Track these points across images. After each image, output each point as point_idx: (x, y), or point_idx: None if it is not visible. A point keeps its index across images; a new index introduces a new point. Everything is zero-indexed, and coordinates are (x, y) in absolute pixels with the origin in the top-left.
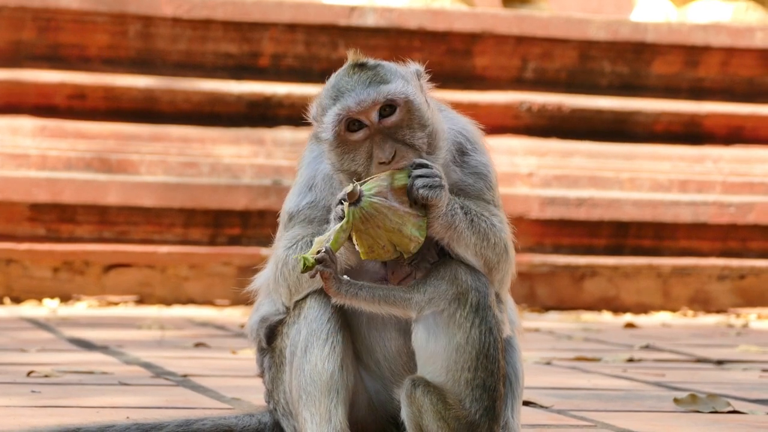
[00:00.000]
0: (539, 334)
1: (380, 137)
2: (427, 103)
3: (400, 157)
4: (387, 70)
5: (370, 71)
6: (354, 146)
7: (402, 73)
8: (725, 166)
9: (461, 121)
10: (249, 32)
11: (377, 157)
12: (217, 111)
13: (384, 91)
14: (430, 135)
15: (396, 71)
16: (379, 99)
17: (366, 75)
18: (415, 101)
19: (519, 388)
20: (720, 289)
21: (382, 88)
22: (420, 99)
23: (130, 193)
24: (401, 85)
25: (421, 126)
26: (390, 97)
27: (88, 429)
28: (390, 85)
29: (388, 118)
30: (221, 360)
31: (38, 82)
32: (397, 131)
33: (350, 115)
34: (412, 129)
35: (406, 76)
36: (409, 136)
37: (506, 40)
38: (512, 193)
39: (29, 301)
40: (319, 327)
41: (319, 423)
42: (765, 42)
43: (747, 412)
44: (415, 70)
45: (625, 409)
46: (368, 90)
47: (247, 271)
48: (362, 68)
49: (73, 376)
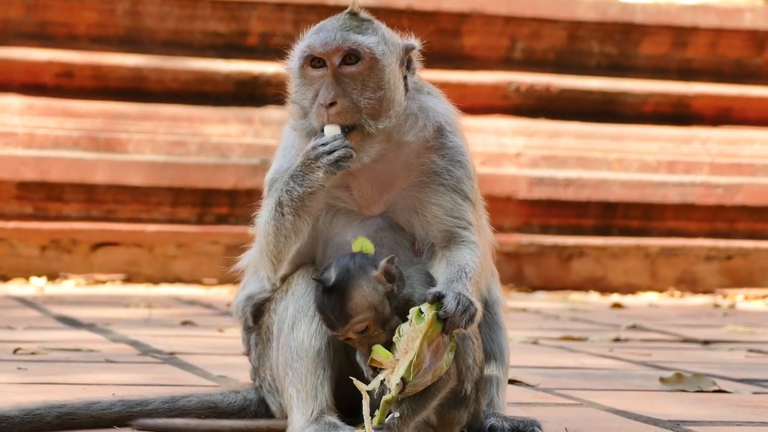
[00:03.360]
0: (526, 313)
1: (332, 81)
2: (397, 74)
3: (337, 110)
4: (371, 26)
5: (355, 21)
6: (311, 81)
7: (386, 36)
8: (713, 147)
9: (442, 107)
10: (237, 11)
11: (319, 97)
12: (205, 90)
13: (352, 40)
14: (380, 100)
15: (379, 31)
16: (344, 46)
17: (349, 22)
18: (380, 61)
19: (505, 367)
20: (707, 269)
21: (352, 36)
22: (387, 63)
23: (118, 172)
24: (373, 41)
25: (375, 87)
26: (353, 47)
27: (73, 405)
28: (362, 37)
29: (348, 66)
30: (208, 338)
31: (26, 60)
32: (352, 83)
33: (313, 52)
34: (365, 87)
35: (388, 41)
36: (358, 92)
37: (495, 20)
38: (500, 173)
39: (16, 280)
40: (307, 304)
41: (305, 400)
42: (753, 23)
43: (732, 391)
44: (404, 45)
45: (611, 388)
46: (340, 34)
47: (234, 250)
48: (352, 17)
49: (60, 353)
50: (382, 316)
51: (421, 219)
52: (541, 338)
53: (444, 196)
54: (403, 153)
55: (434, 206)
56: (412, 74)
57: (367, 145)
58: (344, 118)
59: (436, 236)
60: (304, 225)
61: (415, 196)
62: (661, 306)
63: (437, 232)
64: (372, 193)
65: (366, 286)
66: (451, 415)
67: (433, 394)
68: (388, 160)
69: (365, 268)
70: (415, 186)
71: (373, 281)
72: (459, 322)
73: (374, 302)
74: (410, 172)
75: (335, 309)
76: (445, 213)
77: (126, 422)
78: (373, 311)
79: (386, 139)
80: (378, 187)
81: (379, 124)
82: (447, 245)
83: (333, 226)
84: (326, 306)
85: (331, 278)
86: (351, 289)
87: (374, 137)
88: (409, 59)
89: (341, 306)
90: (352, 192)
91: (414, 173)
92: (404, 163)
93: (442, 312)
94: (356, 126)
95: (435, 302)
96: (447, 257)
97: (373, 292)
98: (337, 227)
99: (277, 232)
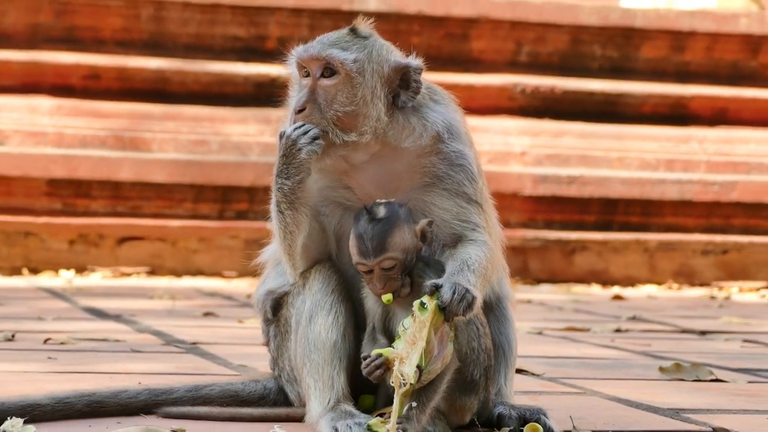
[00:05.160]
0: (531, 305)
1: (309, 89)
2: (378, 91)
3: (305, 114)
4: (361, 43)
5: (349, 37)
6: (301, 89)
7: (373, 55)
8: (709, 146)
9: (443, 116)
10: (256, 16)
11: (295, 102)
12: (225, 91)
13: (328, 53)
14: (347, 114)
15: (367, 49)
16: (319, 56)
17: (342, 37)
18: (354, 78)
19: (512, 357)
20: (704, 263)
21: (331, 51)
22: (363, 81)
23: (142, 170)
24: (351, 58)
25: (346, 102)
26: (328, 59)
27: (102, 394)
28: (342, 53)
29: (326, 78)
30: (229, 329)
31: (55, 63)
32: (325, 94)
33: (298, 60)
34: (335, 100)
35: (374, 60)
36: (328, 103)
37: (501, 25)
38: (506, 171)
39: (46, 272)
40: (323, 298)
41: (322, 389)
42: (748, 27)
43: (729, 380)
44: (396, 64)
45: (612, 377)
46: (323, 47)
47: (253, 244)
48: (351, 32)
49: (88, 343)
50: (407, 263)
51: None
52: (546, 329)
53: (448, 200)
54: (403, 156)
55: (440, 210)
56: (413, 92)
57: (329, 148)
58: (309, 123)
59: (446, 238)
60: (302, 217)
61: (421, 198)
62: (660, 298)
63: (446, 235)
64: (376, 193)
65: (407, 231)
66: (461, 402)
67: (440, 379)
68: (386, 163)
69: (410, 218)
70: (420, 188)
71: (412, 232)
72: (457, 309)
73: (408, 247)
74: (413, 174)
75: (375, 239)
76: (452, 217)
77: (152, 410)
78: (404, 255)
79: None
80: (382, 187)
81: (346, 136)
82: (455, 245)
83: (345, 222)
84: (367, 234)
85: (381, 212)
86: (395, 228)
87: (337, 145)
88: (406, 77)
89: (381, 238)
90: (355, 192)
91: (417, 175)
92: (406, 165)
93: (440, 302)
94: (323, 132)
95: (433, 293)
96: (453, 254)
97: (410, 239)
98: (350, 224)
99: (283, 229)
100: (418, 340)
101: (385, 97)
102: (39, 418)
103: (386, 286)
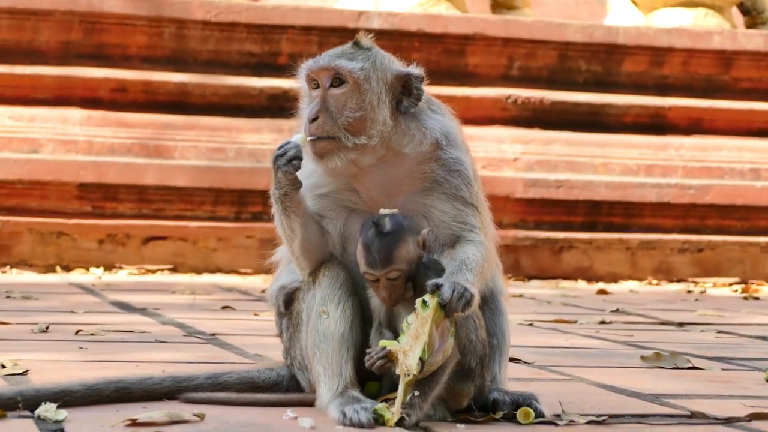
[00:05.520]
0: (523, 299)
1: (320, 99)
2: (384, 97)
3: (318, 124)
4: (365, 54)
5: (354, 49)
6: (311, 100)
7: (377, 64)
8: (686, 153)
9: (441, 125)
10: (269, 34)
11: (307, 112)
12: (241, 103)
13: (336, 63)
14: (358, 119)
15: (371, 59)
16: (328, 67)
17: (346, 50)
18: (362, 85)
19: (506, 347)
20: (681, 260)
21: (339, 62)
22: (370, 87)
23: (165, 175)
24: (358, 67)
25: (355, 108)
26: (337, 69)
27: (129, 381)
28: (349, 63)
29: (335, 88)
30: (245, 321)
31: (85, 78)
32: (335, 102)
33: (309, 72)
34: (345, 106)
35: (378, 68)
36: (338, 111)
37: (495, 42)
38: (500, 176)
39: (77, 270)
40: (332, 292)
41: (331, 377)
42: (722, 44)
43: (705, 368)
44: (399, 72)
45: (597, 365)
46: (331, 59)
47: (267, 244)
48: (354, 45)
49: (116, 334)
50: (410, 272)
51: (430, 223)
52: (536, 321)
53: (447, 203)
54: (404, 162)
55: (439, 212)
56: (414, 99)
57: (341, 152)
58: (323, 131)
59: (444, 239)
60: (294, 223)
61: (422, 201)
62: (641, 292)
63: (445, 236)
64: (380, 197)
65: (411, 243)
66: (459, 388)
67: (442, 370)
68: (390, 167)
69: (414, 229)
70: (420, 192)
71: (416, 242)
72: (456, 307)
73: (412, 258)
74: (414, 179)
75: (381, 251)
76: (450, 219)
77: (175, 396)
78: (408, 266)
79: (376, 150)
80: (385, 191)
81: (357, 140)
82: (453, 246)
83: (351, 224)
84: (375, 246)
85: (387, 226)
86: (400, 242)
87: (349, 149)
88: (407, 84)
89: (387, 251)
90: (360, 195)
91: (418, 180)
92: (408, 170)
93: (441, 299)
94: (335, 138)
95: (434, 292)
96: (451, 254)
97: (414, 250)
98: (356, 225)
99: (282, 231)
100: (420, 334)
101: (389, 103)
102: (71, 403)
103: (391, 294)
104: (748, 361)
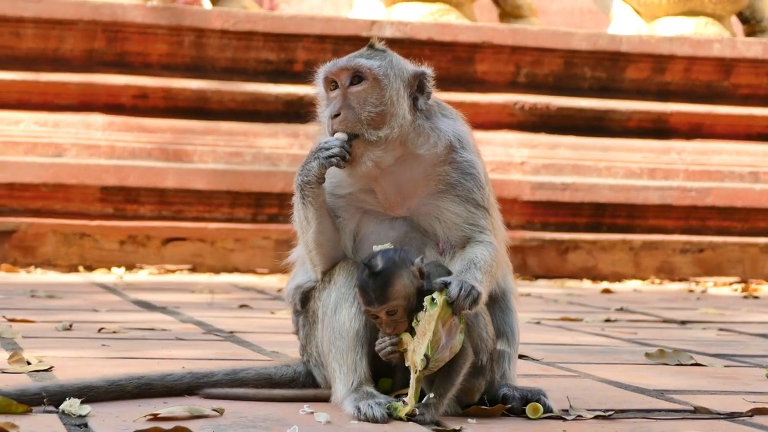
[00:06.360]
0: (530, 298)
1: (341, 97)
2: (402, 93)
3: (340, 119)
4: (380, 54)
5: (369, 50)
6: (330, 102)
7: (393, 62)
8: (687, 157)
9: (454, 128)
10: (285, 42)
11: (329, 109)
12: (258, 109)
13: (355, 62)
14: (380, 113)
15: (387, 58)
16: (348, 66)
17: (362, 52)
18: (381, 81)
19: (515, 344)
20: (682, 260)
21: (358, 60)
22: (389, 83)
23: (184, 178)
24: (376, 65)
25: (376, 103)
26: (358, 68)
27: (150, 377)
28: (367, 61)
29: (354, 86)
30: (262, 319)
31: (107, 85)
32: (356, 99)
33: (327, 74)
34: (367, 102)
35: (395, 66)
36: (360, 106)
37: (502, 50)
38: (507, 179)
39: (100, 269)
40: (347, 291)
41: (346, 373)
42: (721, 52)
43: (707, 364)
44: (413, 71)
45: (603, 362)
46: (349, 59)
47: (283, 245)
48: (369, 48)
49: (137, 332)
50: (410, 305)
51: (443, 224)
52: (543, 319)
53: (459, 206)
54: (420, 164)
55: (452, 214)
56: (426, 96)
57: (369, 151)
58: (346, 126)
59: (455, 240)
60: (309, 212)
61: (435, 203)
62: (644, 291)
63: (456, 237)
64: (395, 198)
65: (406, 277)
66: (471, 384)
67: (457, 372)
68: (406, 169)
69: (407, 263)
70: (434, 194)
71: (411, 275)
72: (463, 304)
73: (409, 292)
74: (429, 181)
75: (376, 290)
76: (462, 221)
77: (195, 391)
78: (406, 300)
79: (396, 149)
80: (400, 192)
81: (379, 132)
82: (464, 246)
83: (364, 225)
84: (369, 286)
85: (378, 265)
86: (394, 278)
87: (375, 145)
88: (420, 83)
89: (382, 289)
90: (377, 196)
91: (432, 182)
92: (422, 173)
93: (448, 297)
94: (358, 135)
95: (442, 290)
96: (461, 255)
97: (410, 283)
98: (369, 226)
99: (298, 221)
100: (427, 331)
101: (408, 98)
102: (94, 398)
103: (395, 328)
104: (749, 358)
